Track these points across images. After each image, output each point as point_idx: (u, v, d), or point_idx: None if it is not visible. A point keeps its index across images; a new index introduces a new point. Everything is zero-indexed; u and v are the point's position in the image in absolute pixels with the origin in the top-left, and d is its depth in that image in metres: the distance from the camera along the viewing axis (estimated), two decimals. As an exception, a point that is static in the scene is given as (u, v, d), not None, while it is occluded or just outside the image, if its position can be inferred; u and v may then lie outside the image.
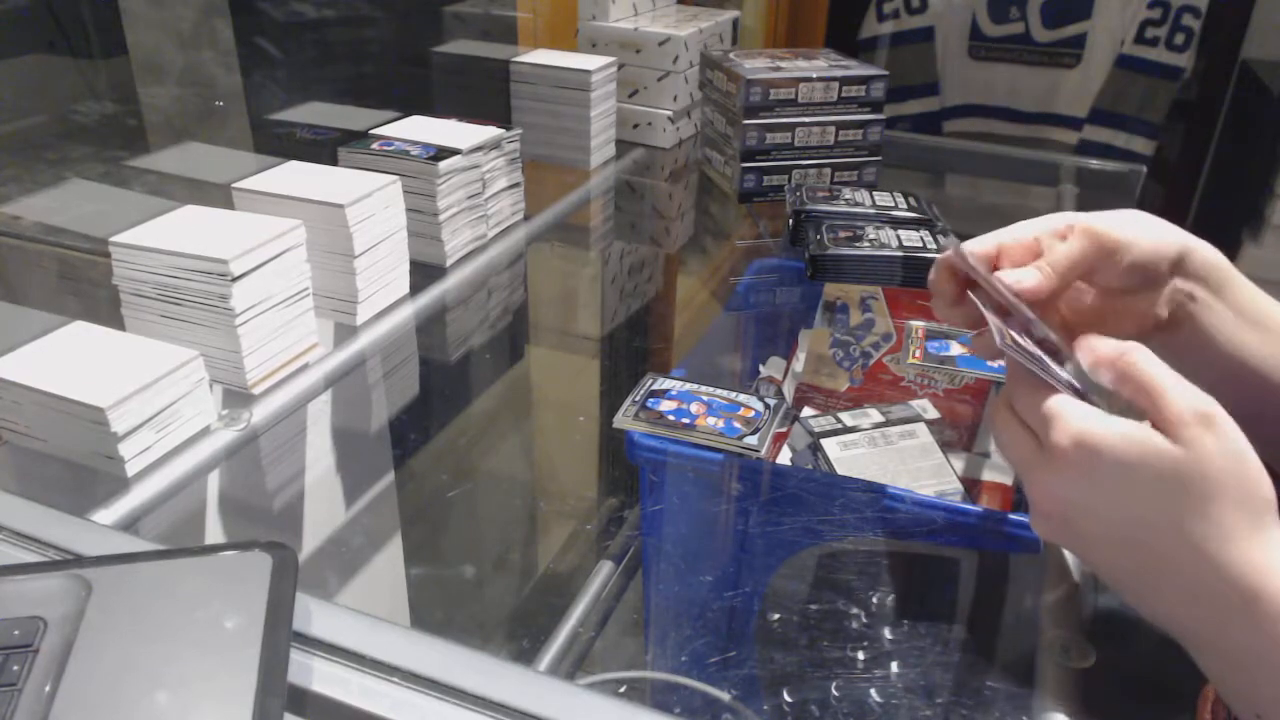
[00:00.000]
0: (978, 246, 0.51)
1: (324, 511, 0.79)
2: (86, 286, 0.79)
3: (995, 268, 0.51)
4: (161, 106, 1.01)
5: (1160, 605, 0.43)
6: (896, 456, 0.73)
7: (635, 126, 1.32)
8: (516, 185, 1.03)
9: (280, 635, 0.41)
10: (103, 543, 0.52)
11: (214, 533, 0.68)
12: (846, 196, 0.97)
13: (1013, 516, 0.63)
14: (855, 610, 0.65)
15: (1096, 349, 0.44)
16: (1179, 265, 0.51)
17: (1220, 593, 0.40)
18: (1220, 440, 0.40)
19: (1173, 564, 0.41)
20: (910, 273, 0.84)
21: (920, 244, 0.86)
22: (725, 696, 0.63)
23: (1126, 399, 0.43)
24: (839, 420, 0.76)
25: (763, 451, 0.65)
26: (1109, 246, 0.49)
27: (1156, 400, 0.41)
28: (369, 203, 0.80)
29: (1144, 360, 0.43)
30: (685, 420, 0.68)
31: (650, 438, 0.67)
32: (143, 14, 0.98)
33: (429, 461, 0.89)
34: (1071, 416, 0.42)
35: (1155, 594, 0.43)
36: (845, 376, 0.88)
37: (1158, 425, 0.41)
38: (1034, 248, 0.51)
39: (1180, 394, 0.41)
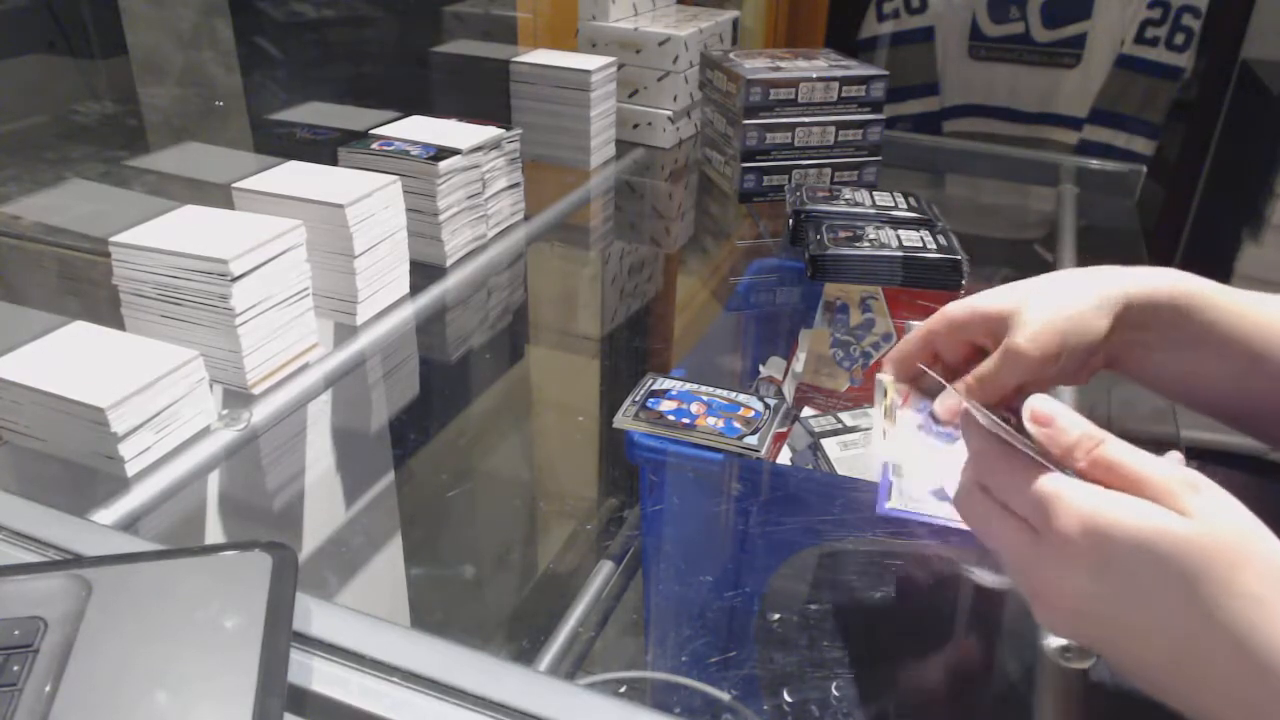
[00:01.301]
0: (898, 370, 0.52)
1: (324, 511, 0.79)
2: (86, 286, 0.79)
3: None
4: (161, 106, 1.01)
5: (1195, 697, 0.38)
6: (896, 456, 0.73)
7: (635, 126, 1.32)
8: (516, 185, 1.03)
9: (280, 635, 0.41)
10: (103, 543, 0.52)
11: (214, 533, 0.68)
12: (846, 196, 0.97)
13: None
14: (855, 610, 0.64)
15: (1060, 438, 0.40)
16: (1115, 326, 0.48)
17: (1261, 680, 0.35)
18: (1222, 506, 0.37)
19: (1205, 651, 0.37)
20: (910, 273, 0.84)
21: (920, 244, 0.86)
22: (725, 696, 0.63)
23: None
24: (839, 420, 0.76)
25: (763, 451, 0.65)
26: (1035, 367, 0.46)
27: (1138, 481, 0.38)
28: (369, 203, 0.80)
29: (1115, 448, 0.39)
30: (685, 420, 0.68)
31: (650, 438, 0.67)
32: (143, 14, 0.98)
33: (429, 461, 0.89)
34: (1074, 499, 0.38)
35: (1188, 685, 0.38)
36: (845, 376, 0.88)
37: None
38: (928, 355, 0.50)
39: (1161, 468, 0.38)
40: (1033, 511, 0.40)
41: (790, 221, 0.93)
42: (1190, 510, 0.37)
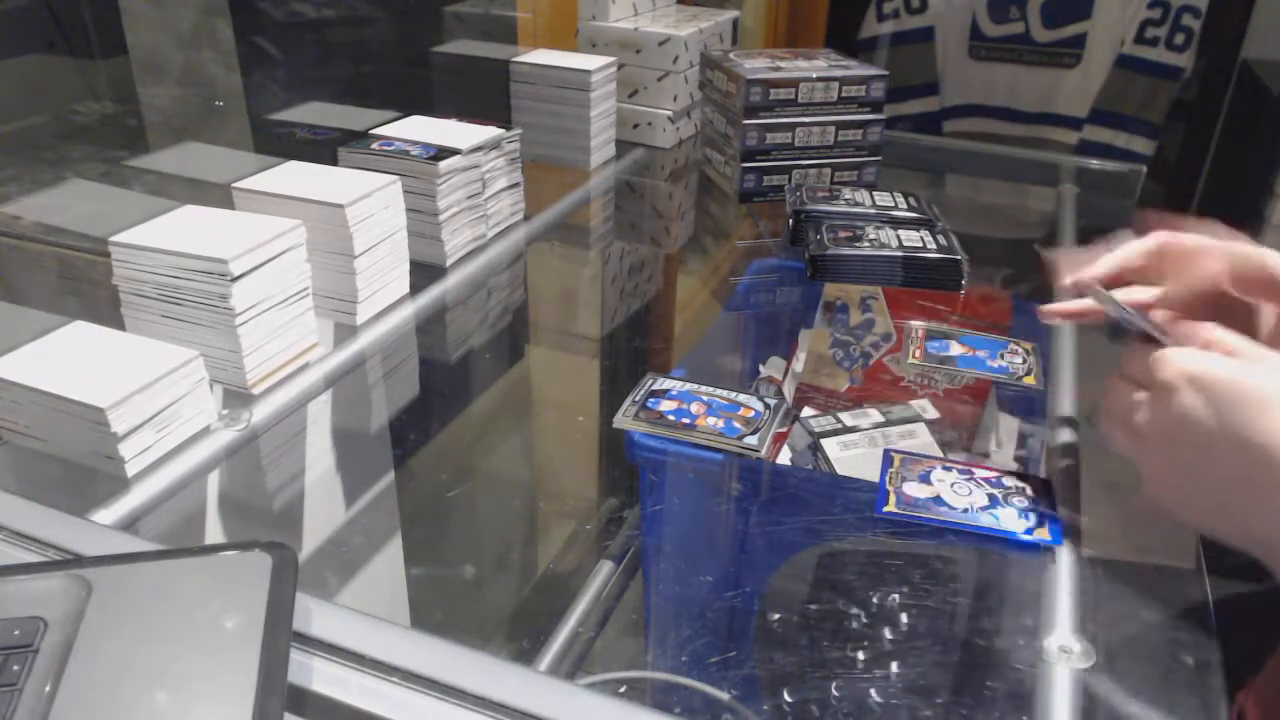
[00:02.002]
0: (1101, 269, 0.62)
1: (324, 511, 0.79)
2: (86, 286, 0.79)
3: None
4: (161, 106, 1.01)
5: (1259, 513, 0.47)
6: (896, 456, 0.73)
7: (635, 126, 1.32)
8: (516, 185, 1.03)
9: (280, 635, 0.41)
10: (103, 543, 0.52)
11: (214, 533, 0.68)
12: (846, 196, 0.97)
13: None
14: (855, 610, 0.65)
15: (1180, 325, 0.54)
16: None
17: None
18: None
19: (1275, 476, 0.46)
20: (910, 273, 0.84)
21: (920, 244, 0.86)
22: (725, 696, 0.63)
23: None
24: (839, 420, 0.76)
25: (763, 451, 0.65)
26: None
27: (1232, 350, 0.50)
28: (369, 203, 0.80)
29: (1219, 331, 0.52)
30: (685, 420, 0.68)
31: (650, 438, 0.67)
32: (143, 14, 0.98)
33: (429, 461, 0.89)
34: (1177, 357, 0.50)
35: (1258, 513, 0.47)
36: (845, 376, 0.88)
37: None
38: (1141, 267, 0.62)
39: (1249, 342, 0.50)
40: (1145, 374, 0.52)
41: (790, 221, 0.94)
42: (1274, 367, 0.48)
